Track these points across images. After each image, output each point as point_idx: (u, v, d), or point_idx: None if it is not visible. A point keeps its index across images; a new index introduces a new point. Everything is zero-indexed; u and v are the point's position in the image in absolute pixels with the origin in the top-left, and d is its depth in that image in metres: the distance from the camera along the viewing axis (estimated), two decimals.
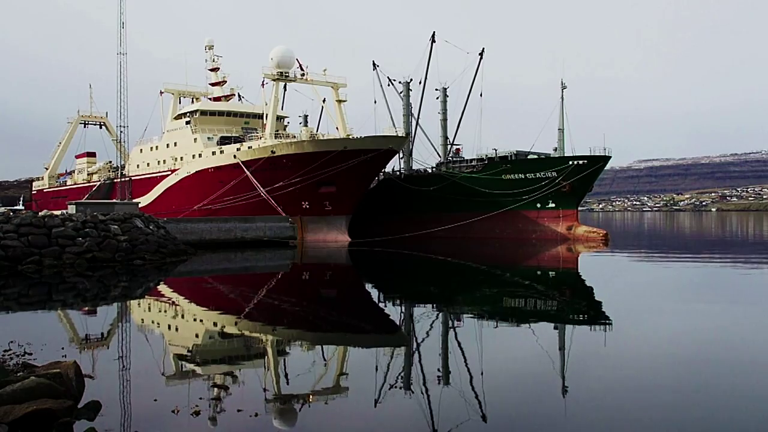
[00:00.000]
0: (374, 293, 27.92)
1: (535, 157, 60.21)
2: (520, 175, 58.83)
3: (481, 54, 64.35)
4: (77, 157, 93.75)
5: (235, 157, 57.40)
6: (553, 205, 58.65)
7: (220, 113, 65.98)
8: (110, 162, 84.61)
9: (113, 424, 9.19)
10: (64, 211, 39.02)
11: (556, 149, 60.30)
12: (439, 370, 12.96)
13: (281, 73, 58.46)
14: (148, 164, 71.95)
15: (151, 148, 72.54)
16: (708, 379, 12.01)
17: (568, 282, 30.17)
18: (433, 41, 65.40)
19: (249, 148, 57.77)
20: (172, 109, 72.54)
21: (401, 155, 67.65)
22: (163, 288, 28.00)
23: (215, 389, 11.57)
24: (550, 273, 33.82)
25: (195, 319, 19.77)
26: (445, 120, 68.32)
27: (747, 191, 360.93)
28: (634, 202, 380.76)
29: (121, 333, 17.52)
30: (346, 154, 52.09)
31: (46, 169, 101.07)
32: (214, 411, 10.03)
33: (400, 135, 55.78)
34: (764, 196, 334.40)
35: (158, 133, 73.96)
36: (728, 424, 9.54)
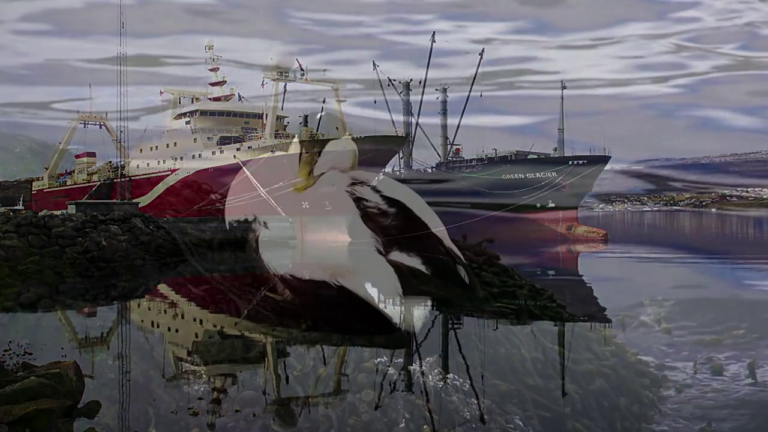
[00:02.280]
0: (374, 293, 27.89)
1: (535, 157, 60.20)
2: (520, 175, 58.82)
3: (481, 54, 64.40)
4: (77, 157, 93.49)
5: (235, 157, 57.37)
6: (553, 205, 58.64)
7: (220, 113, 65.85)
8: (110, 162, 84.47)
9: (113, 424, 9.18)
10: (64, 211, 38.97)
11: (556, 149, 60.32)
12: (439, 370, 12.95)
13: (281, 73, 58.40)
14: (148, 164, 71.86)
15: (151, 148, 72.41)
16: (708, 378, 12.00)
17: (567, 282, 30.15)
18: (433, 41, 65.44)
19: (249, 148, 57.74)
20: (172, 109, 72.52)
21: (401, 155, 67.64)
22: (163, 288, 27.98)
23: (214, 390, 11.56)
24: (550, 273, 33.80)
25: (195, 320, 19.76)
26: (445, 120, 68.32)
27: (747, 191, 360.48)
28: (634, 202, 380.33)
29: (121, 333, 17.52)
30: None
31: (46, 169, 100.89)
32: (212, 411, 10.02)
33: (400, 135, 55.72)
34: (764, 196, 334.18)
35: (158, 133, 73.93)
36: (729, 423, 9.53)
